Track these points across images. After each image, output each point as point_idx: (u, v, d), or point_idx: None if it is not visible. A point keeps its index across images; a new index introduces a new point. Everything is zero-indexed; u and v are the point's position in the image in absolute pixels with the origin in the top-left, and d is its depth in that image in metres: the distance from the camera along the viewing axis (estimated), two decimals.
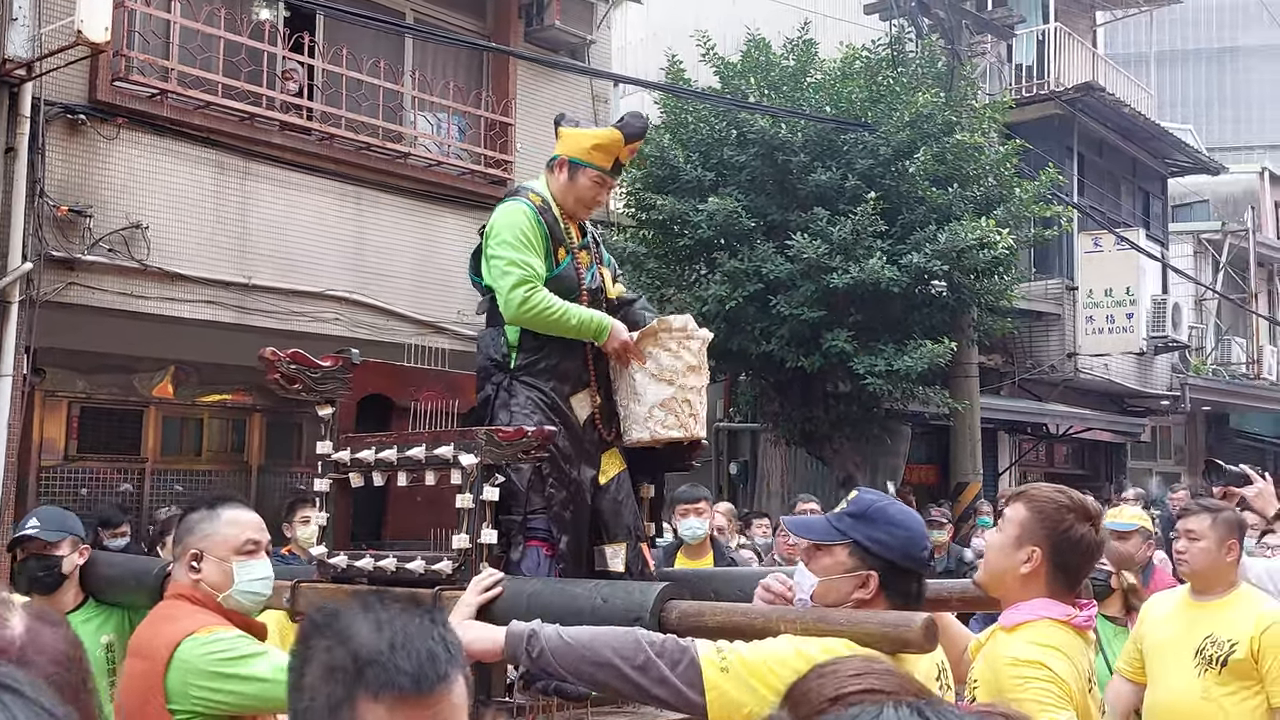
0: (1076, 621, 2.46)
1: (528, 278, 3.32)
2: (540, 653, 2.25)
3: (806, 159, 10.95)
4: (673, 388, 3.36)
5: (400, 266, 9.88)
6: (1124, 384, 17.50)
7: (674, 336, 3.39)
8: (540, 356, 3.40)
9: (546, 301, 3.33)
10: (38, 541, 3.57)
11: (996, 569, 2.56)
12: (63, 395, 9.85)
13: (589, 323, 3.38)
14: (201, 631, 2.58)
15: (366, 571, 3.21)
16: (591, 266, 3.58)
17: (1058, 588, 2.49)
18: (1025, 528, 2.50)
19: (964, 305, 11.66)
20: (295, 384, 3.30)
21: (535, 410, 3.33)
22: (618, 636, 2.25)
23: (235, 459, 11.14)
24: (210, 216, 8.79)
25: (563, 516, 3.26)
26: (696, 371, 3.40)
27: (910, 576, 2.32)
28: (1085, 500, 2.56)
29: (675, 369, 3.37)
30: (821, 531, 2.38)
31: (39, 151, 7.82)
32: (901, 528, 2.33)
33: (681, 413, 3.36)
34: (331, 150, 9.54)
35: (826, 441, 12.08)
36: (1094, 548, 2.52)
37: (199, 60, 8.78)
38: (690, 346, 3.39)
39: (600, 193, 3.55)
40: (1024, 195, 11.60)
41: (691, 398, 3.39)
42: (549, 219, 3.45)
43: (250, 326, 8.91)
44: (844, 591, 2.31)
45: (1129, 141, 18.02)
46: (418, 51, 10.71)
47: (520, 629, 2.29)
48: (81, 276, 8.10)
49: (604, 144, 3.48)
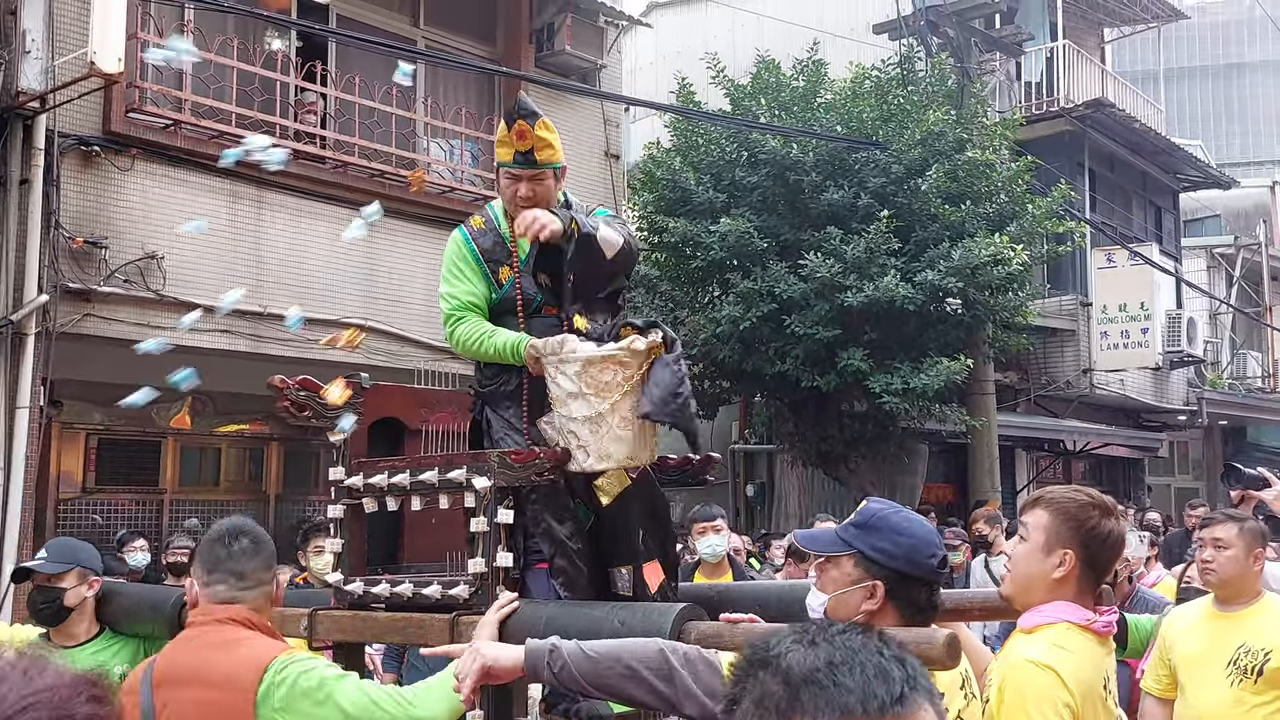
0: (1096, 626, 2.42)
1: (450, 312, 3.37)
2: (563, 667, 2.21)
3: (818, 178, 10.96)
4: (558, 418, 3.13)
5: (413, 293, 9.90)
6: (1140, 399, 17.40)
7: (550, 362, 3.11)
8: (501, 382, 3.39)
9: (467, 333, 3.34)
10: (40, 573, 3.57)
11: (1025, 577, 2.50)
12: (80, 427, 9.87)
13: (504, 348, 3.27)
14: (284, 655, 2.53)
15: (383, 597, 3.18)
16: None
17: (1085, 589, 2.46)
18: (1052, 532, 2.45)
19: (979, 322, 11.63)
20: (305, 411, 3.28)
21: (507, 435, 3.32)
22: (641, 647, 2.23)
23: (253, 488, 11.15)
24: (225, 246, 8.83)
25: (552, 532, 3.19)
26: (578, 399, 3.05)
27: (918, 585, 2.29)
28: (1100, 495, 2.53)
29: (558, 396, 3.12)
30: (827, 544, 2.37)
31: (54, 183, 7.87)
32: (905, 535, 2.30)
33: (571, 444, 3.08)
34: (345, 178, 9.59)
35: (843, 461, 12.03)
36: (1120, 542, 2.49)
37: (212, 90, 8.84)
38: (565, 371, 3.07)
39: (516, 187, 3.39)
40: (1036, 211, 11.58)
41: (575, 429, 3.06)
42: (485, 242, 3.41)
43: (266, 355, 8.93)
44: (853, 604, 2.29)
45: (1139, 157, 17.99)
46: (430, 78, 10.77)
47: (540, 645, 2.26)
48: (97, 307, 8.14)
49: (499, 138, 3.44)
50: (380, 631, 3.25)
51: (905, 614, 2.27)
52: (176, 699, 2.49)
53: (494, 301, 3.39)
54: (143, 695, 2.50)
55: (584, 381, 3.05)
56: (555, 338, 3.16)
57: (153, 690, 2.50)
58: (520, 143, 3.38)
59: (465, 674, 2.27)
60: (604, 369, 3.05)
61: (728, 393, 12.55)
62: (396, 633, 3.21)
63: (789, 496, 13.98)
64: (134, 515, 10.08)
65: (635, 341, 3.09)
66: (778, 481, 14.14)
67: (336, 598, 3.30)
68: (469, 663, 2.28)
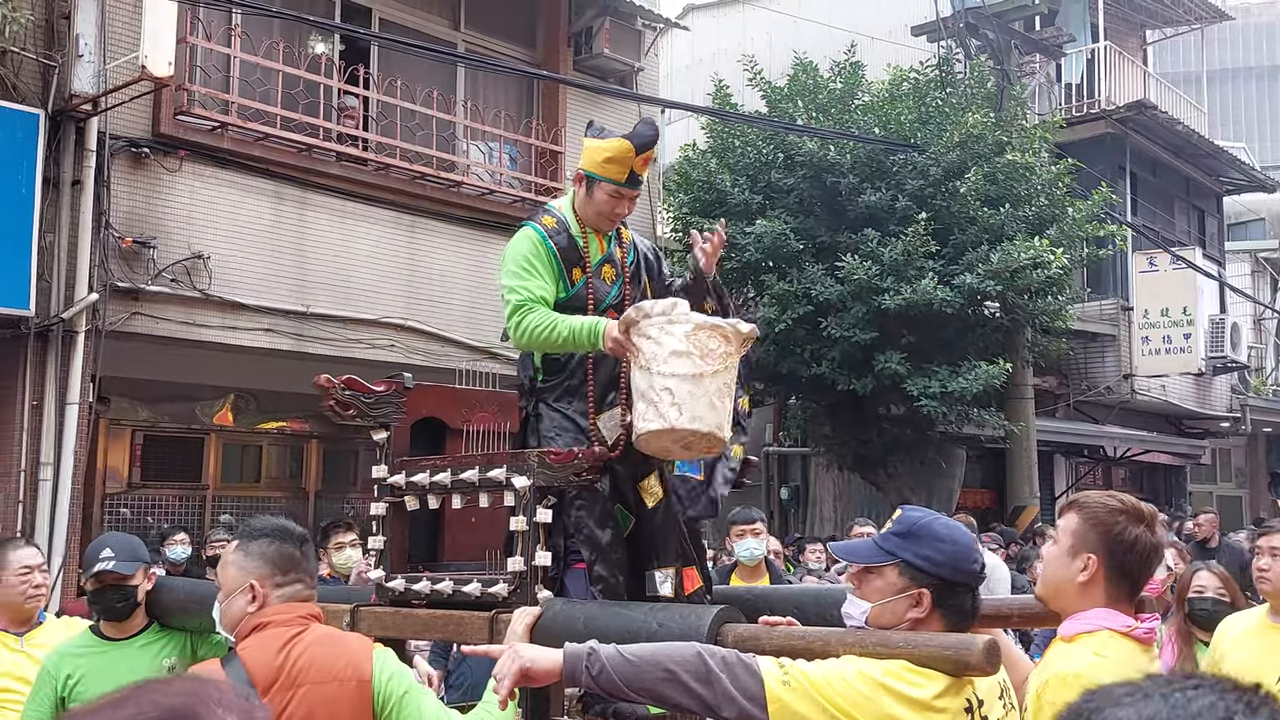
0: (1137, 633, 2.40)
1: (520, 303, 3.34)
2: (601, 670, 2.24)
3: (856, 180, 10.95)
4: (650, 375, 3.04)
5: (453, 293, 10.00)
6: (1182, 405, 17.23)
7: (654, 322, 3.07)
8: (562, 378, 3.42)
9: (536, 321, 3.31)
10: (114, 573, 3.65)
11: (1054, 580, 2.52)
12: (126, 424, 10.05)
13: (580, 330, 3.25)
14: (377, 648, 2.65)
15: (424, 594, 3.25)
16: (618, 280, 3.55)
17: (1117, 595, 2.44)
18: (1078, 535, 2.46)
19: (1018, 326, 11.58)
20: (350, 410, 3.34)
21: (560, 433, 3.36)
22: (678, 650, 2.25)
23: (293, 485, 11.30)
24: (269, 246, 8.96)
25: (594, 538, 3.25)
26: (682, 357, 3.01)
27: (963, 591, 2.31)
28: (1137, 503, 2.50)
29: (656, 355, 3.03)
30: (869, 554, 2.37)
31: (104, 184, 8.03)
32: (949, 542, 2.31)
33: (660, 402, 3.00)
34: (387, 180, 9.70)
35: (880, 465, 12.00)
36: (1150, 549, 2.46)
37: (258, 93, 8.98)
38: (673, 331, 3.03)
39: (617, 205, 3.45)
40: (1077, 215, 11.51)
41: (673, 385, 3.00)
42: (561, 240, 3.44)
43: (308, 354, 9.05)
44: (898, 612, 2.30)
45: (1182, 160, 17.80)
46: (470, 82, 10.87)
47: (578, 649, 2.30)
48: (145, 306, 8.28)
49: (615, 156, 3.41)
50: (420, 628, 3.31)
51: (951, 620, 2.28)
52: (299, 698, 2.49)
53: (562, 299, 3.41)
54: None
55: (692, 343, 3.02)
56: (665, 300, 3.15)
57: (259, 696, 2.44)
58: (643, 167, 3.46)
59: (504, 675, 2.32)
60: (712, 336, 3.05)
61: (762, 395, 12.56)
62: (436, 629, 3.27)
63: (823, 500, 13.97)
64: (177, 510, 10.26)
65: (740, 323, 3.13)
66: (812, 485, 14.14)
67: (378, 594, 3.37)
68: (508, 663, 2.32)
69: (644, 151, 3.42)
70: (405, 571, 3.36)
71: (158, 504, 10.21)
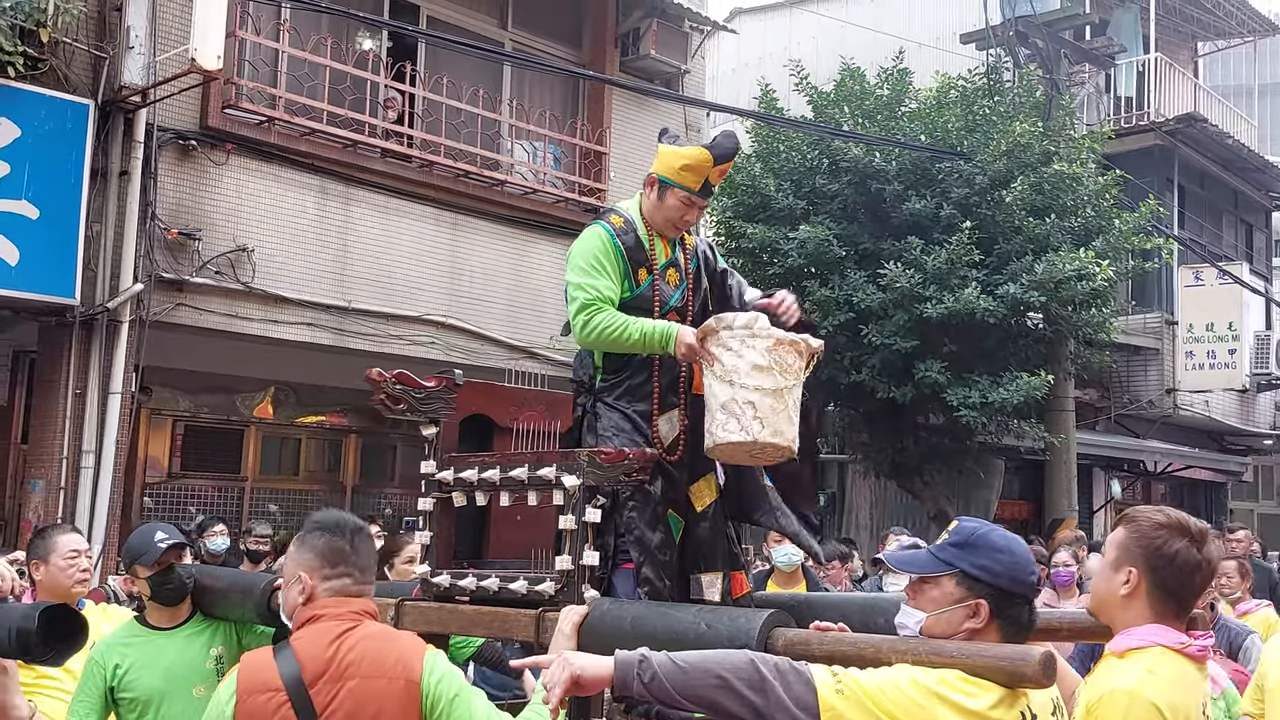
0: (1190, 650, 2.36)
1: (589, 301, 3.32)
2: (653, 677, 2.21)
3: (900, 188, 10.87)
4: (733, 388, 3.09)
5: (495, 292, 10.01)
6: (1225, 422, 17.00)
7: (735, 335, 3.12)
8: (623, 377, 3.40)
9: (606, 321, 3.30)
10: (177, 549, 3.64)
11: (1099, 593, 2.51)
12: (167, 414, 10.14)
13: (652, 334, 3.27)
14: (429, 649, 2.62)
15: (469, 590, 3.23)
16: (682, 284, 3.53)
17: (1163, 611, 2.39)
18: (1122, 548, 2.43)
19: (1061, 338, 11.45)
20: (400, 404, 3.34)
21: (617, 433, 3.33)
22: (730, 657, 2.23)
23: (331, 479, 11.36)
24: (313, 241, 9.00)
25: (644, 539, 3.23)
26: (764, 372, 3.08)
27: (1021, 602, 2.27)
28: (1185, 518, 2.46)
29: (737, 368, 3.09)
30: (926, 564, 2.34)
31: (151, 176, 8.09)
32: (1007, 552, 2.28)
33: (743, 415, 3.07)
34: (430, 177, 9.73)
35: (916, 474, 11.91)
36: (1194, 566, 2.40)
37: (305, 88, 9.02)
38: (755, 345, 3.08)
39: (688, 213, 3.46)
40: (1123, 227, 11.38)
41: (756, 399, 3.07)
42: (628, 240, 3.43)
43: (348, 349, 9.09)
44: (954, 622, 2.26)
45: (1231, 173, 17.59)
46: (516, 81, 10.88)
47: (629, 656, 2.27)
48: (189, 298, 8.34)
49: (693, 164, 3.41)
50: (465, 624, 3.29)
51: (1007, 632, 2.25)
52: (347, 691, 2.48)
53: (627, 299, 3.39)
54: (294, 693, 2.47)
55: (773, 358, 3.09)
56: (745, 313, 3.21)
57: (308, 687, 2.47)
58: (719, 178, 3.48)
59: (554, 683, 2.29)
60: (789, 351, 3.13)
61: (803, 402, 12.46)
62: (482, 626, 3.25)
63: (860, 508, 13.89)
64: (216, 501, 10.33)
65: (810, 339, 3.18)
66: (848, 492, 14.06)
67: (423, 589, 3.36)
68: (558, 672, 2.30)
69: (723, 163, 3.44)
70: (451, 568, 3.35)
71: (196, 494, 10.29)
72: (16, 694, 2.10)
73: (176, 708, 3.54)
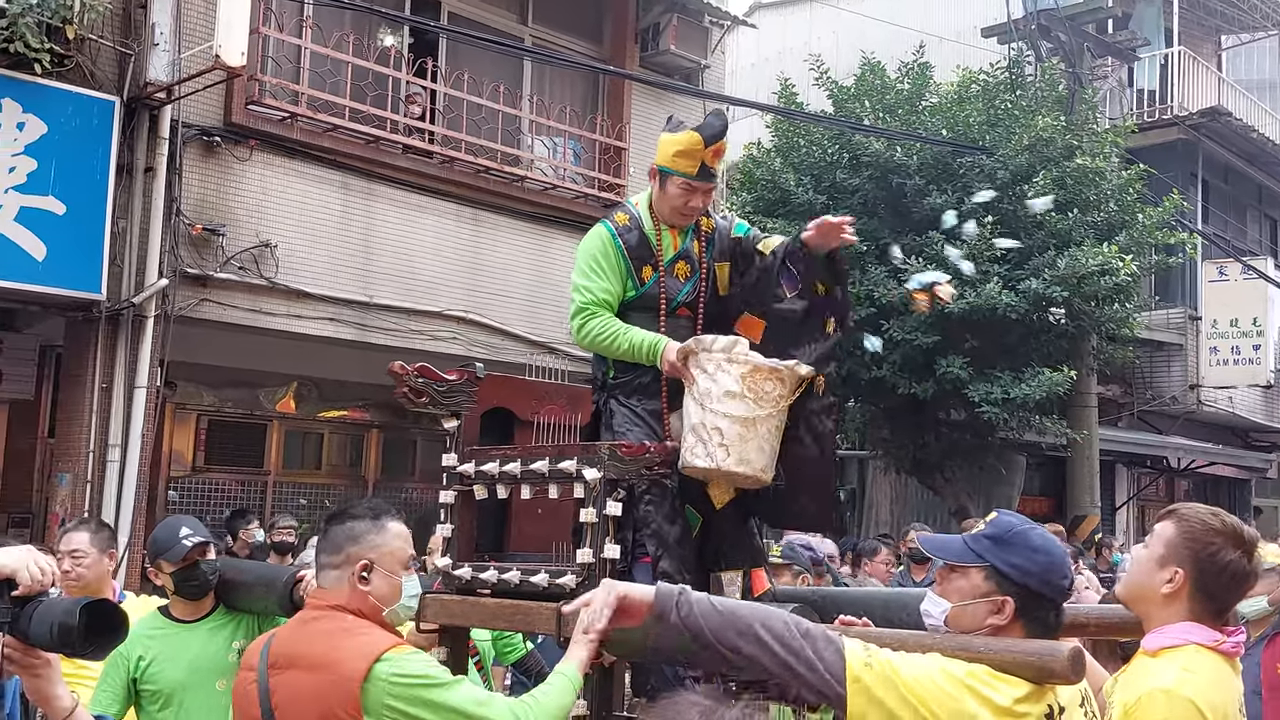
0: (1224, 648, 2.34)
1: (585, 305, 3.37)
2: (689, 613, 2.19)
3: (922, 182, 10.84)
4: (704, 412, 3.09)
5: (515, 287, 10.04)
6: (1249, 418, 16.89)
7: (713, 358, 3.10)
8: (633, 375, 3.42)
9: (600, 328, 3.35)
10: (203, 545, 3.67)
11: (1138, 585, 2.46)
12: (192, 408, 10.22)
13: (640, 345, 3.31)
14: (395, 651, 2.49)
15: (490, 583, 3.25)
16: (693, 276, 3.51)
17: (1201, 612, 2.37)
18: (1171, 547, 2.39)
19: (1083, 333, 11.40)
20: (422, 397, 3.35)
21: (632, 428, 3.35)
22: (768, 612, 2.21)
23: (353, 473, 11.42)
24: (335, 236, 9.04)
25: (661, 533, 3.23)
26: (736, 399, 3.04)
27: (1048, 605, 2.23)
28: (1239, 525, 2.42)
29: (710, 392, 3.08)
30: (957, 552, 2.29)
31: (176, 172, 8.15)
32: (1043, 553, 2.23)
33: (709, 440, 3.05)
34: (451, 173, 9.75)
35: (938, 470, 11.88)
36: (1241, 576, 2.38)
37: (328, 84, 9.06)
38: (730, 371, 3.06)
39: (690, 199, 3.42)
40: (1147, 221, 11.31)
41: (724, 425, 3.04)
42: (631, 239, 3.43)
43: (370, 344, 9.13)
44: (978, 616, 2.23)
45: (1256, 168, 17.45)
46: (536, 76, 10.90)
47: (671, 588, 2.25)
48: (213, 293, 8.39)
49: (685, 149, 3.39)
50: (487, 617, 3.30)
51: (1031, 632, 2.20)
52: (289, 681, 2.50)
53: (633, 297, 3.41)
54: (260, 673, 2.53)
55: (747, 385, 3.06)
56: (726, 337, 3.17)
57: (268, 669, 2.53)
58: (715, 160, 3.43)
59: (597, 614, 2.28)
60: (768, 379, 3.08)
61: None
62: (503, 619, 3.26)
63: (880, 504, 13.86)
64: (239, 495, 10.40)
65: (800, 366, 3.14)
66: (869, 488, 14.03)
67: (444, 582, 3.38)
68: (603, 595, 2.29)
69: (713, 144, 3.39)
70: (472, 560, 3.37)
71: (220, 488, 10.36)
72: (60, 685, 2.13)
73: (198, 700, 3.57)
